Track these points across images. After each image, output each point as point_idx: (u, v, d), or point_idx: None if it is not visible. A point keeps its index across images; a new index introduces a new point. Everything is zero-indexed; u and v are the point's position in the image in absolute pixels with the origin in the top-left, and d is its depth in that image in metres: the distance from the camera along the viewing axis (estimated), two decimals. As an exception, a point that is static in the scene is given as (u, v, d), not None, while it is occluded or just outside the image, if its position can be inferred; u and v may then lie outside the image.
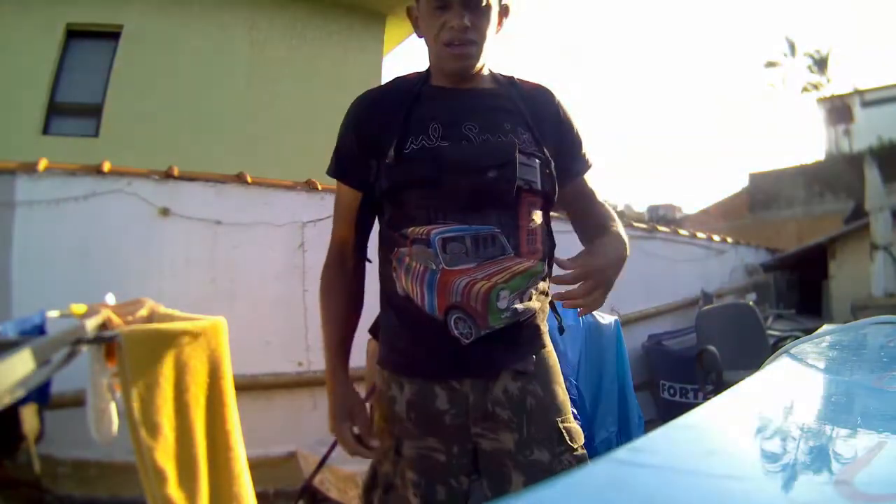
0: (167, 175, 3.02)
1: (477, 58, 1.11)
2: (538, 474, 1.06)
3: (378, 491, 1.15)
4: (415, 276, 1.09)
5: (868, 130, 16.05)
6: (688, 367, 4.02)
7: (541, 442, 1.08)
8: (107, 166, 2.95)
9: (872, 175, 6.66)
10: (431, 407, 1.10)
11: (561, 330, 1.26)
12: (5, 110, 4.60)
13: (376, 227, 1.23)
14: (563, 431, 1.10)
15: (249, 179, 3.20)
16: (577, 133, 1.20)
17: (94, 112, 5.00)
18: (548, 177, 1.12)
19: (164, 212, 2.97)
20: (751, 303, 4.70)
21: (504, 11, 1.16)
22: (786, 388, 0.83)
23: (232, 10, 5.46)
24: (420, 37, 1.17)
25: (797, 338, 1.19)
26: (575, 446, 1.10)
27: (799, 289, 7.92)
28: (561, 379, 1.17)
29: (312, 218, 3.26)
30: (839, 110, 18.27)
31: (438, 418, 1.09)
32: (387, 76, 6.33)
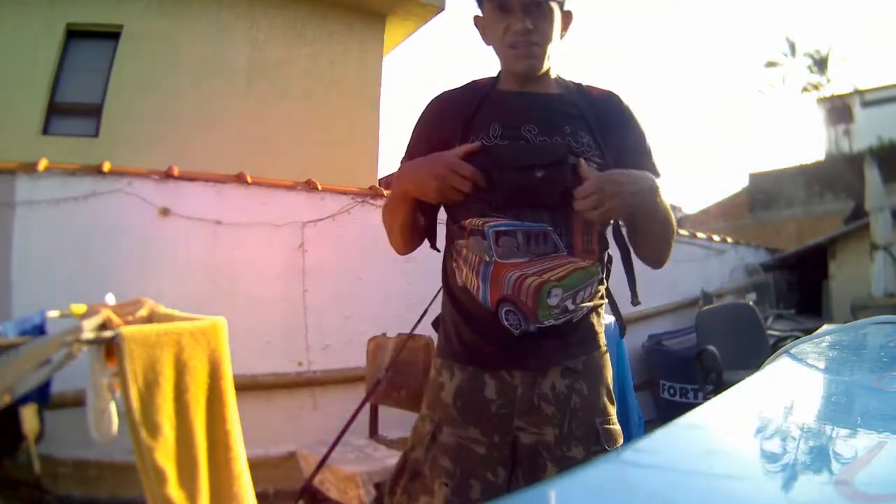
0: (167, 175, 3.02)
1: (541, 59, 1.14)
2: (572, 470, 1.07)
3: (404, 478, 1.16)
4: (471, 266, 1.13)
5: (868, 130, 16.04)
6: (688, 367, 4.02)
7: (579, 439, 1.10)
8: (107, 166, 2.95)
9: (872, 175, 6.66)
10: (480, 395, 1.12)
11: (622, 333, 1.32)
12: (5, 110, 4.60)
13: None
14: (601, 432, 1.12)
15: (249, 179, 3.20)
16: (643, 141, 1.21)
17: (94, 112, 5.00)
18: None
19: (164, 212, 2.97)
20: (751, 303, 4.70)
21: (567, 17, 1.19)
22: (786, 388, 0.83)
23: (232, 10, 5.46)
24: (487, 44, 1.21)
25: (797, 338, 1.19)
26: (609, 448, 1.13)
27: (799, 289, 7.92)
28: (609, 382, 1.19)
29: (312, 218, 3.26)
30: (839, 110, 18.26)
31: (485, 407, 1.12)
32: (387, 76, 6.36)
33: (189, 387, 1.84)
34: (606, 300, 1.23)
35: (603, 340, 1.20)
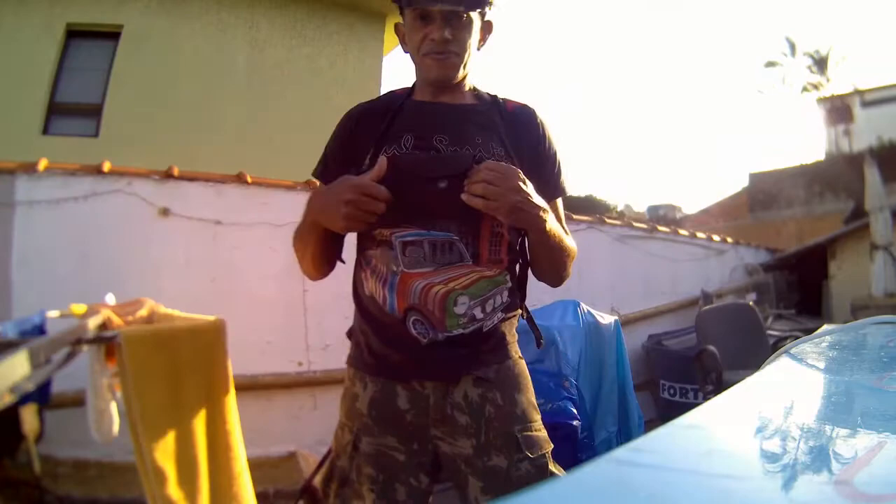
0: (167, 175, 3.02)
1: (457, 68, 1.15)
2: (496, 480, 1.09)
3: (334, 484, 1.17)
4: (379, 277, 1.13)
5: (868, 130, 16.05)
6: (688, 367, 4.02)
7: (499, 448, 1.11)
8: (107, 166, 2.95)
9: (872, 175, 6.66)
10: (393, 405, 1.13)
11: (539, 344, 1.28)
12: (5, 110, 4.60)
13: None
14: (521, 440, 1.12)
15: (249, 179, 3.20)
16: (555, 156, 1.21)
17: (94, 112, 5.00)
18: None
19: (164, 212, 2.97)
20: (751, 303, 4.70)
21: (487, 28, 1.20)
22: (786, 388, 0.83)
23: (232, 10, 5.46)
24: (406, 52, 1.22)
25: (797, 338, 1.19)
26: (532, 455, 1.12)
27: (799, 289, 7.92)
28: (528, 389, 1.18)
29: (312, 218, 3.26)
30: (839, 110, 18.28)
31: (399, 417, 1.13)
32: (386, 76, 6.35)
33: (189, 387, 1.84)
34: (517, 311, 1.22)
35: (517, 351, 1.20)
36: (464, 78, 1.19)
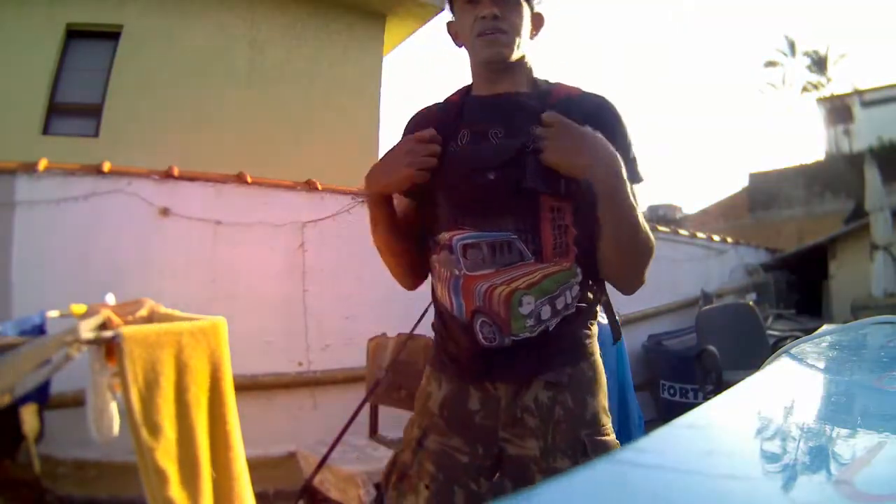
0: (167, 175, 3.02)
1: (509, 47, 1.11)
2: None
3: (394, 476, 1.17)
4: (444, 281, 1.12)
5: (868, 130, 16.05)
6: (688, 367, 4.02)
7: (564, 452, 1.08)
8: (107, 166, 2.95)
9: (872, 175, 6.66)
10: (464, 407, 1.12)
11: (616, 338, 1.26)
12: (5, 110, 4.60)
13: None
14: (588, 444, 1.08)
15: (249, 179, 3.20)
16: (628, 147, 1.11)
17: (94, 112, 5.00)
18: (573, 180, 1.05)
19: (164, 212, 2.97)
20: (751, 303, 4.70)
21: (538, 19, 1.17)
22: (786, 388, 0.83)
23: (232, 10, 5.46)
24: (459, 45, 1.20)
25: (797, 338, 1.19)
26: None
27: (799, 289, 7.92)
28: (601, 392, 1.14)
29: (312, 218, 3.26)
30: (839, 110, 18.28)
31: (469, 418, 1.11)
32: (386, 76, 6.36)
33: (189, 387, 1.84)
34: (596, 306, 1.16)
35: (594, 349, 1.15)
36: (518, 63, 1.15)
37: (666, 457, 0.50)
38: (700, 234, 6.09)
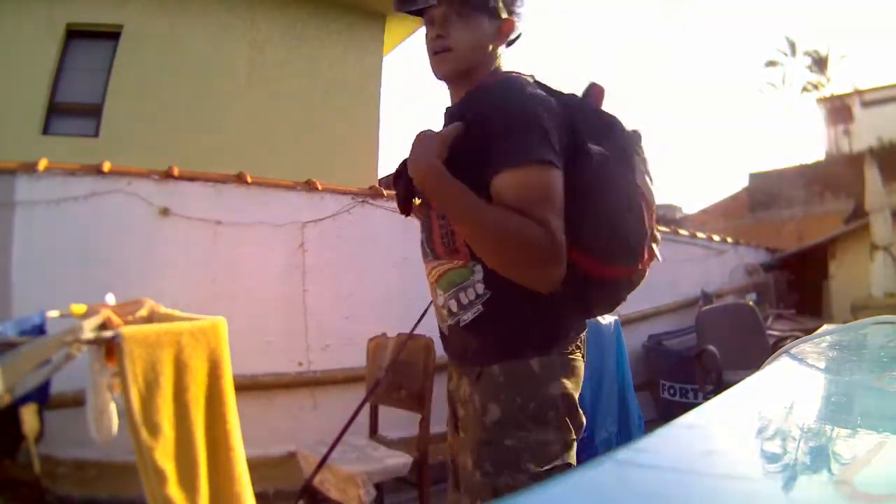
0: (167, 175, 3.02)
1: (454, 63, 1.15)
2: (464, 475, 1.11)
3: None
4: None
5: (868, 130, 16.04)
6: (688, 367, 4.02)
7: (470, 449, 1.10)
8: (107, 166, 2.95)
9: (872, 175, 6.66)
10: (449, 386, 1.24)
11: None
12: (5, 110, 4.60)
13: None
14: (481, 451, 1.05)
15: (249, 179, 3.20)
16: (500, 124, 1.02)
17: (94, 112, 5.00)
18: (462, 178, 1.01)
19: (164, 212, 2.97)
20: (751, 303, 4.70)
21: (506, 25, 1.17)
22: (786, 388, 0.83)
23: (232, 10, 5.46)
24: None
25: (797, 338, 1.19)
26: (492, 471, 1.03)
27: (799, 289, 7.91)
28: (513, 401, 1.04)
29: (312, 218, 3.26)
30: (839, 110, 18.27)
31: (451, 398, 1.23)
32: (386, 76, 6.35)
33: (189, 387, 1.84)
34: (517, 306, 1.06)
35: (521, 354, 1.06)
36: (472, 72, 1.15)
37: (665, 457, 0.50)
38: (700, 234, 6.09)
